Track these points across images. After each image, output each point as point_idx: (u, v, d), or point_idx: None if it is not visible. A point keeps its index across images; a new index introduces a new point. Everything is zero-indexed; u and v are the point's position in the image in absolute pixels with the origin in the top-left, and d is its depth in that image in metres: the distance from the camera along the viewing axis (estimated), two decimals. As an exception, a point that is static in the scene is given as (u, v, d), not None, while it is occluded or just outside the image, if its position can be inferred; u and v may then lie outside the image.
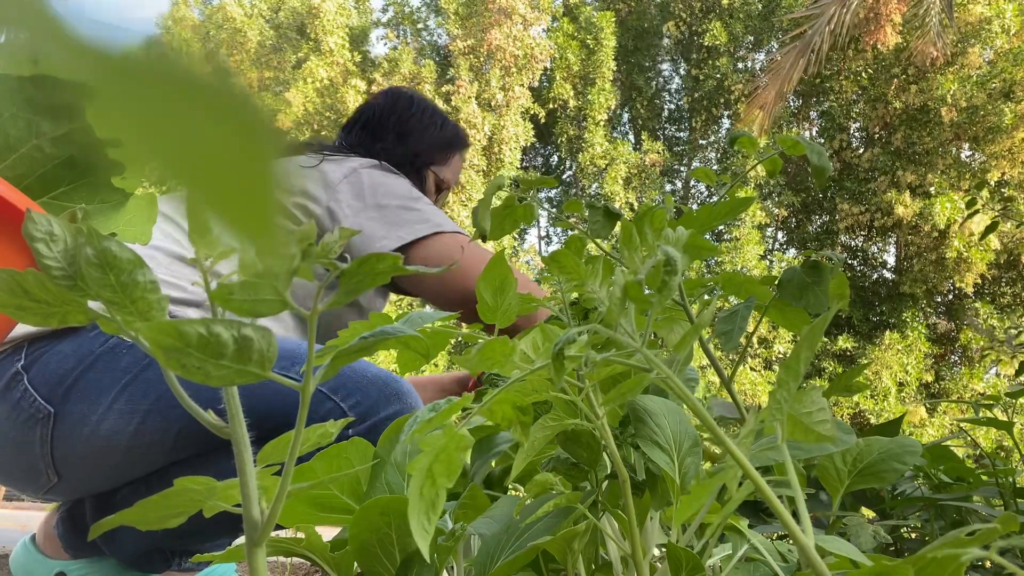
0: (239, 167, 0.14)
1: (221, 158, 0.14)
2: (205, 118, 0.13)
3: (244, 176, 0.15)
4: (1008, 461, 4.55)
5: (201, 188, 0.14)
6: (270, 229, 0.16)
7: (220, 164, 0.14)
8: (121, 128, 0.13)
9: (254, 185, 0.15)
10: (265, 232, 0.16)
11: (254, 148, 0.14)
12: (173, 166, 0.14)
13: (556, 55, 13.89)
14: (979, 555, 0.34)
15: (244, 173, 0.14)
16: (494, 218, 0.78)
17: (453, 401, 0.50)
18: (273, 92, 14.54)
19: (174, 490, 0.43)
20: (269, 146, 0.14)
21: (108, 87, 0.13)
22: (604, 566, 0.76)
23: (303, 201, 1.40)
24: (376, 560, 0.64)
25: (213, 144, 0.14)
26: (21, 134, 0.58)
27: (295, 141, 2.07)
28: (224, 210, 0.15)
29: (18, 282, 0.37)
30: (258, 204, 0.15)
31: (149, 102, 0.13)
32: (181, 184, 0.15)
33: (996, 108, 11.96)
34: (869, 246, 14.38)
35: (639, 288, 0.45)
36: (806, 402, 0.45)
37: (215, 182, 0.14)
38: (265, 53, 15.66)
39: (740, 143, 0.88)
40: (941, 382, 12.73)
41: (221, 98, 0.14)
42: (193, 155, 0.14)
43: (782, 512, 0.41)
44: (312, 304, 0.36)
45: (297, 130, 12.89)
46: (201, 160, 0.14)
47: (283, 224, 0.16)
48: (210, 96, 0.14)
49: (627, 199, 13.44)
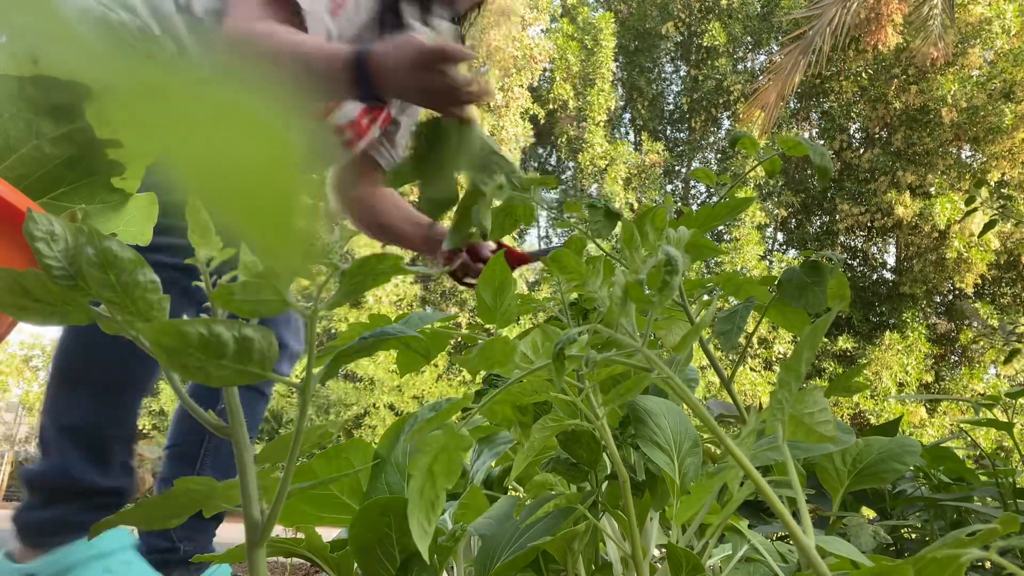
0: (262, 172, 0.14)
1: (242, 162, 0.14)
2: (223, 123, 0.13)
3: (267, 180, 0.15)
4: (1008, 462, 4.55)
5: (219, 192, 0.14)
6: (290, 234, 0.16)
7: (241, 169, 0.14)
8: (135, 132, 0.13)
9: (277, 188, 0.15)
10: (285, 237, 0.16)
11: (274, 154, 0.14)
12: (192, 177, 0.14)
13: (555, 56, 13.89)
14: (979, 555, 0.34)
15: (267, 178, 0.14)
16: (494, 218, 0.78)
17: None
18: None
19: (175, 490, 0.43)
20: (288, 149, 0.14)
21: (121, 90, 0.13)
22: (604, 566, 0.76)
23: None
24: (376, 560, 0.64)
25: (235, 147, 0.14)
26: (21, 134, 0.58)
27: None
28: (246, 214, 0.15)
29: (19, 281, 0.37)
30: (281, 209, 0.15)
31: (162, 105, 0.13)
32: (201, 194, 0.15)
33: (996, 108, 11.96)
34: (869, 246, 14.38)
35: (640, 288, 0.45)
36: (807, 402, 0.45)
37: (235, 186, 0.14)
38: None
39: (741, 144, 0.88)
40: (941, 382, 12.73)
41: (241, 106, 0.14)
42: (214, 158, 0.14)
43: (783, 512, 0.41)
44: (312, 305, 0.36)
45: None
46: (222, 164, 0.14)
47: (303, 230, 0.16)
48: (230, 103, 0.14)
49: (627, 199, 13.45)
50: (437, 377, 11.98)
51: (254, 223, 0.15)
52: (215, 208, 0.15)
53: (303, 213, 0.15)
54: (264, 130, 0.14)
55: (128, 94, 0.13)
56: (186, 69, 0.13)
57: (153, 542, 1.35)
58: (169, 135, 0.13)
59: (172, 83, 0.13)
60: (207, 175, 0.14)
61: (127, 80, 0.13)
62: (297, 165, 0.15)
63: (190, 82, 0.13)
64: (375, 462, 0.70)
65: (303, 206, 0.15)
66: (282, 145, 0.14)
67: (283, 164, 0.14)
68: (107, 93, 0.13)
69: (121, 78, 0.13)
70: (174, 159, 0.14)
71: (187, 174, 0.14)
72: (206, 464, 1.39)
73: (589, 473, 0.70)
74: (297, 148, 0.14)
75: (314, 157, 0.15)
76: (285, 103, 0.14)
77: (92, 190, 0.62)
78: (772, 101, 8.76)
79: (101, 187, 0.63)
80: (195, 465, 1.39)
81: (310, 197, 0.15)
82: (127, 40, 0.17)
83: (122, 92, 0.13)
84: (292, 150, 0.14)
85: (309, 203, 0.15)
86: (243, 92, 0.14)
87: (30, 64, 0.56)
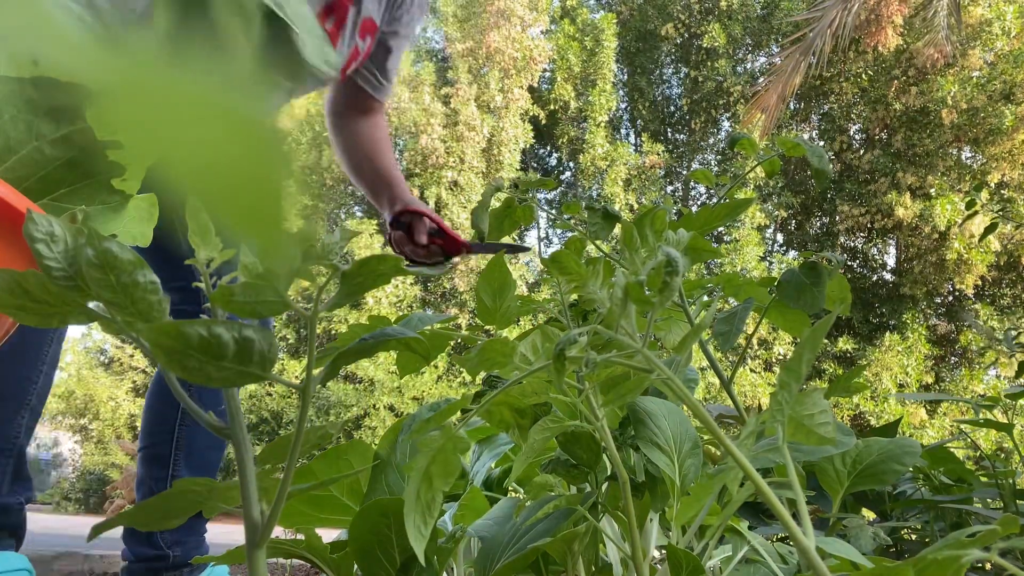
0: (249, 172, 0.14)
1: (229, 162, 0.14)
2: (209, 121, 0.13)
3: (254, 180, 0.15)
4: (1008, 463, 4.53)
5: (210, 192, 0.14)
6: (280, 233, 0.16)
7: (230, 170, 0.14)
8: (128, 131, 0.13)
9: (264, 188, 0.15)
10: (275, 236, 0.16)
11: (262, 152, 0.14)
12: (182, 172, 0.14)
13: (556, 56, 13.90)
14: (980, 557, 0.34)
15: (254, 178, 0.14)
16: (493, 219, 0.78)
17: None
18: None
19: (174, 491, 0.43)
20: (275, 147, 0.14)
21: (116, 91, 0.13)
22: (604, 568, 0.76)
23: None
24: (376, 562, 0.64)
25: (221, 148, 0.14)
26: (21, 136, 0.58)
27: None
28: (235, 214, 0.15)
29: (19, 282, 0.37)
30: (269, 208, 0.15)
31: (156, 106, 0.13)
32: (191, 188, 0.15)
33: (996, 110, 11.96)
34: (869, 248, 14.38)
35: (640, 289, 0.45)
36: (807, 404, 0.45)
37: (224, 187, 0.14)
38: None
39: (740, 145, 0.88)
40: (941, 383, 12.73)
41: (225, 105, 0.14)
42: (202, 159, 0.14)
43: (783, 513, 0.41)
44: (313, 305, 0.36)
45: (299, 131, 12.89)
46: (211, 165, 0.14)
47: (292, 228, 0.16)
48: (214, 103, 0.14)
49: (627, 201, 13.45)
50: (437, 378, 11.98)
51: (246, 222, 0.15)
52: (210, 208, 0.15)
53: (294, 211, 0.15)
54: (250, 128, 0.14)
55: (118, 94, 0.13)
56: (171, 67, 0.13)
57: (139, 551, 1.32)
58: (159, 135, 0.14)
59: (158, 81, 0.13)
60: (198, 174, 0.14)
61: (115, 79, 0.13)
62: (285, 162, 0.15)
63: (176, 80, 0.13)
64: (375, 463, 0.70)
65: (294, 204, 0.15)
66: (269, 143, 0.14)
67: (271, 162, 0.14)
68: (102, 93, 0.13)
69: (109, 77, 0.13)
70: (167, 159, 0.14)
71: (180, 174, 0.14)
72: (179, 463, 1.36)
73: (589, 474, 0.70)
74: (284, 145, 0.14)
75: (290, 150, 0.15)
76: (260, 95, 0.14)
77: (92, 191, 0.62)
78: (773, 103, 8.78)
79: (101, 188, 0.62)
80: (168, 465, 1.36)
81: (302, 194, 0.15)
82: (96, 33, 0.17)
83: (113, 92, 0.13)
84: (279, 147, 0.14)
85: (301, 201, 0.15)
86: (226, 88, 0.14)
87: (31, 65, 0.56)
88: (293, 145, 0.42)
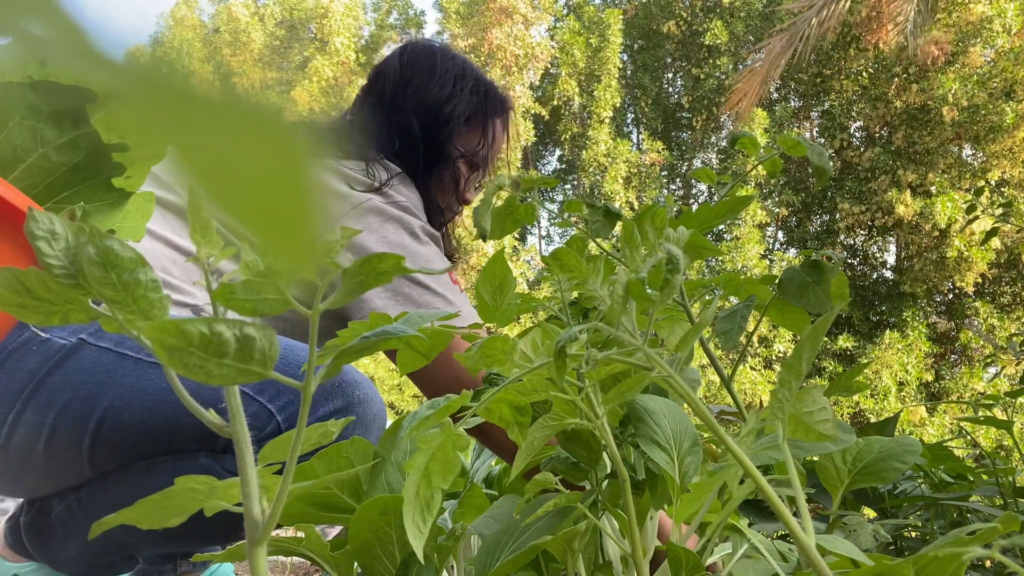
0: (271, 177, 0.14)
1: (252, 168, 0.14)
2: (224, 127, 0.13)
3: (277, 186, 0.14)
4: (1008, 460, 4.55)
5: (230, 198, 0.14)
6: (302, 239, 0.16)
7: (252, 174, 0.14)
8: (143, 134, 0.13)
9: (287, 195, 0.15)
10: (297, 242, 0.16)
11: (283, 156, 0.14)
12: (201, 179, 0.14)
13: (561, 52, 13.89)
14: (981, 554, 0.34)
15: (277, 183, 0.14)
16: (495, 218, 0.78)
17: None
18: (278, 91, 14.59)
19: (174, 489, 0.43)
20: (299, 153, 0.14)
21: (129, 97, 0.13)
22: (604, 565, 0.76)
23: None
24: (376, 559, 0.64)
25: (240, 153, 0.14)
26: (27, 143, 0.57)
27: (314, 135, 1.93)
28: (256, 220, 0.15)
29: (20, 280, 0.37)
30: (292, 214, 0.15)
31: (166, 111, 0.13)
32: (210, 196, 0.14)
33: (997, 107, 11.95)
34: (869, 245, 14.38)
35: (641, 286, 0.45)
36: (808, 401, 0.45)
37: (246, 192, 0.14)
38: (268, 53, 15.72)
39: (741, 143, 0.88)
40: (941, 381, 12.73)
41: (239, 109, 0.14)
42: (218, 163, 0.14)
43: (783, 511, 0.42)
44: (314, 304, 0.36)
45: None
46: (231, 171, 0.14)
47: (315, 233, 0.16)
48: (226, 106, 0.13)
49: (627, 198, 13.44)
50: (437, 376, 11.97)
51: (264, 224, 0.15)
52: (223, 208, 0.15)
53: (314, 213, 0.15)
54: (270, 128, 0.14)
55: (135, 97, 0.13)
56: (188, 72, 0.13)
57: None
58: (177, 136, 0.13)
59: (177, 86, 0.13)
60: (215, 175, 0.14)
61: (133, 84, 0.13)
62: (306, 164, 0.14)
63: (194, 84, 0.13)
64: (375, 461, 0.71)
65: (314, 206, 0.15)
66: (289, 143, 0.14)
67: (291, 163, 0.14)
68: (115, 97, 0.13)
69: (127, 82, 0.13)
70: (181, 159, 0.14)
71: (194, 174, 0.14)
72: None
73: (589, 472, 0.71)
74: (304, 146, 0.14)
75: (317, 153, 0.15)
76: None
77: (94, 190, 0.62)
78: (755, 87, 8.95)
79: (102, 187, 0.63)
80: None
81: (318, 197, 0.15)
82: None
83: (129, 95, 0.13)
84: (299, 148, 0.14)
85: (319, 204, 0.15)
86: (247, 95, 0.14)
87: (38, 67, 0.56)
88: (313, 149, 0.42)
